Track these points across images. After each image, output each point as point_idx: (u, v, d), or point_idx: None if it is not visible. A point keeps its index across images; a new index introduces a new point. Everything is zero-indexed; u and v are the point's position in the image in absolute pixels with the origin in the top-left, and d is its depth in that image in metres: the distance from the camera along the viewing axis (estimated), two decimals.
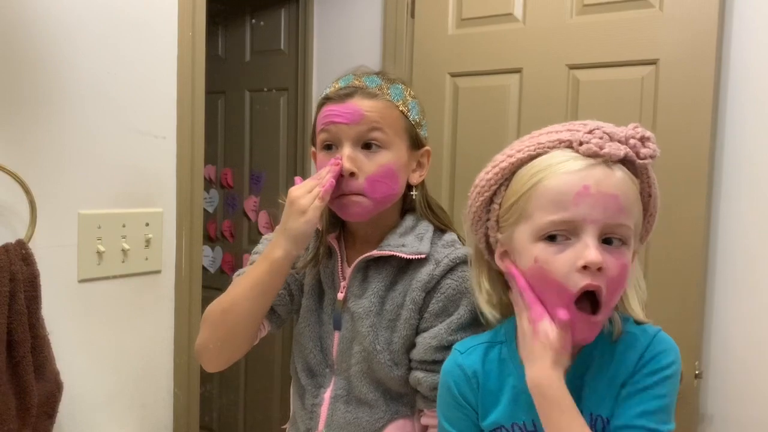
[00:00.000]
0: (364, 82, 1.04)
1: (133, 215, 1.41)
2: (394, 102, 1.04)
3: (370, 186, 1.01)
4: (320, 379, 1.11)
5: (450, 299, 1.02)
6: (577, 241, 0.77)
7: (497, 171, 0.87)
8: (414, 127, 1.07)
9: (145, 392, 1.48)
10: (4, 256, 1.15)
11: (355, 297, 1.07)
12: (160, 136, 1.45)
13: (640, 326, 0.86)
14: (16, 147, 1.22)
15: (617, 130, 0.81)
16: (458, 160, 1.96)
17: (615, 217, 0.77)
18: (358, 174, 1.01)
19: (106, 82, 1.34)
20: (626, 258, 0.79)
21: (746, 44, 1.58)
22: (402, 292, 1.04)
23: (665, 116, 1.61)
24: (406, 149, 1.06)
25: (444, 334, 1.00)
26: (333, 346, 1.10)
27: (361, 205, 1.02)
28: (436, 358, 1.00)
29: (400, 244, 1.04)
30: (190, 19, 1.49)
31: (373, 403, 1.06)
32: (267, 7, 2.56)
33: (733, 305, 1.61)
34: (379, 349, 1.04)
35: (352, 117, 1.01)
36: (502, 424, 0.86)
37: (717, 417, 1.64)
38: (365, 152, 1.02)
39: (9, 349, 1.16)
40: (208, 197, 2.78)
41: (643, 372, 0.81)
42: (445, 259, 1.03)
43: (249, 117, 2.66)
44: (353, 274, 1.07)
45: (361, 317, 1.05)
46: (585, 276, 0.76)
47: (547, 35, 1.80)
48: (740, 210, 1.60)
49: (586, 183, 0.77)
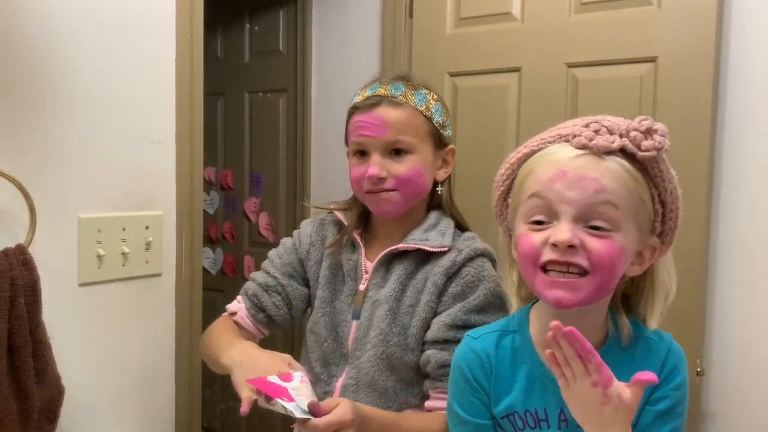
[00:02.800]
0: (390, 90, 1.12)
1: (132, 218, 1.41)
2: (418, 108, 1.12)
3: (399, 183, 1.11)
4: (334, 368, 1.17)
5: (468, 285, 1.09)
6: (557, 224, 0.80)
7: (508, 167, 0.91)
8: (437, 128, 1.15)
9: (147, 396, 1.48)
10: (4, 261, 1.15)
11: (376, 287, 1.14)
12: (159, 139, 1.45)
13: (655, 331, 0.88)
14: (15, 151, 1.21)
15: (620, 123, 0.82)
16: (457, 160, 1.95)
17: (592, 198, 0.78)
18: (388, 176, 1.10)
19: (105, 85, 1.34)
20: (614, 242, 0.79)
21: (745, 41, 1.58)
22: (423, 279, 1.11)
23: (664, 114, 1.61)
24: (431, 150, 1.15)
25: (458, 314, 1.07)
26: (349, 335, 1.15)
27: (392, 200, 1.11)
28: (448, 337, 1.06)
29: (424, 239, 1.12)
30: (188, 21, 1.48)
31: (383, 390, 1.11)
32: (265, 9, 2.56)
33: (735, 303, 1.61)
34: (395, 332, 1.10)
35: (378, 130, 1.10)
36: (516, 410, 0.88)
37: (719, 414, 1.64)
38: (394, 158, 1.11)
39: (10, 354, 1.15)
40: (209, 199, 2.78)
41: (667, 388, 0.85)
42: (467, 248, 1.11)
43: (248, 118, 2.66)
44: (377, 267, 1.15)
45: (380, 303, 1.12)
46: (554, 251, 0.79)
47: (546, 34, 1.80)
48: (741, 207, 1.60)
49: (564, 168, 0.80)
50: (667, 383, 0.85)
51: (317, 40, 2.39)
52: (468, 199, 1.95)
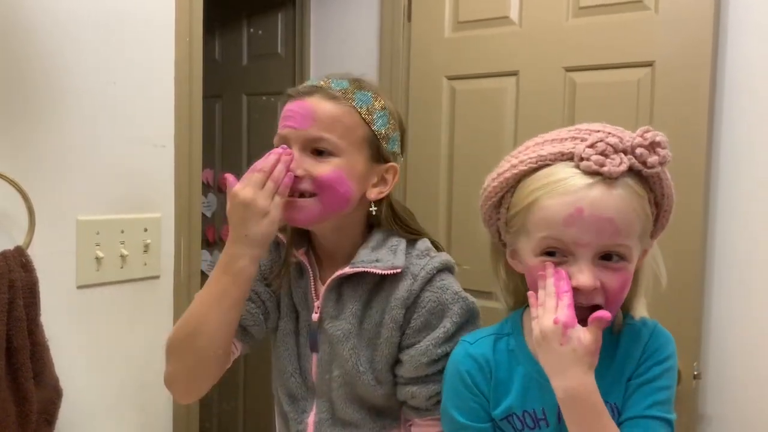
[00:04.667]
0: (330, 83, 0.99)
1: (131, 221, 1.41)
2: (356, 108, 0.98)
3: (318, 187, 0.96)
4: (302, 403, 1.07)
5: (432, 312, 0.98)
6: (573, 260, 0.80)
7: (501, 180, 0.88)
8: (377, 138, 1.00)
9: (145, 398, 1.48)
10: (3, 264, 1.15)
11: (330, 318, 1.02)
12: (158, 142, 1.45)
13: (641, 319, 0.89)
14: (14, 154, 1.22)
15: (623, 138, 0.80)
16: (455, 163, 1.96)
17: (610, 239, 0.79)
18: (305, 176, 0.95)
19: (103, 88, 1.34)
20: (627, 272, 0.81)
21: (742, 45, 1.58)
22: (380, 310, 1.00)
23: (661, 118, 1.62)
24: (364, 160, 0.99)
25: (432, 349, 0.97)
26: (311, 369, 1.06)
27: (308, 209, 0.97)
28: (429, 372, 0.98)
29: (373, 260, 0.99)
30: (187, 24, 1.49)
31: (359, 423, 1.03)
32: (264, 11, 2.56)
33: (732, 306, 1.62)
34: (362, 371, 1.00)
35: (303, 121, 0.96)
36: (514, 412, 0.88)
37: (716, 418, 1.64)
38: (314, 157, 0.97)
39: (8, 356, 1.16)
40: (206, 201, 2.78)
41: (648, 363, 0.85)
42: (422, 271, 0.99)
43: (246, 121, 2.66)
44: (326, 294, 1.02)
45: (340, 340, 1.00)
46: (578, 295, 0.79)
47: (544, 38, 1.81)
48: (738, 210, 1.60)
49: (579, 206, 0.78)
50: (649, 360, 0.85)
51: (316, 43, 2.39)
52: (465, 203, 1.96)
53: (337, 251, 1.05)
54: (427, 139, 2.01)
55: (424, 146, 2.01)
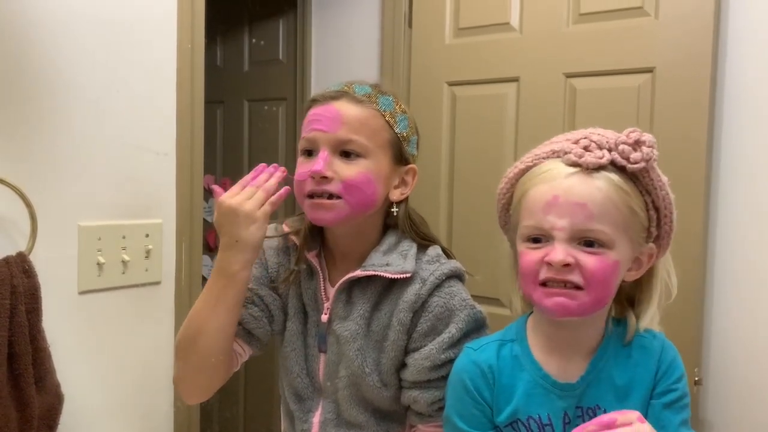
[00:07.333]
0: (354, 88, 1.03)
1: (132, 226, 1.41)
2: (381, 111, 1.01)
3: (345, 189, 0.98)
4: (308, 403, 1.09)
5: (438, 318, 0.99)
6: (553, 244, 0.83)
7: (506, 181, 0.94)
8: (399, 140, 1.04)
9: (146, 404, 1.48)
10: (5, 269, 1.15)
11: (339, 319, 1.04)
12: (159, 148, 1.46)
13: (647, 330, 0.91)
14: (16, 160, 1.22)
15: (609, 136, 0.85)
16: (456, 169, 1.97)
17: (583, 224, 0.82)
18: (334, 177, 0.98)
19: (105, 95, 1.35)
20: (607, 258, 0.82)
21: (742, 52, 1.59)
22: (388, 313, 1.02)
23: (662, 124, 1.62)
24: (388, 162, 1.03)
25: (436, 354, 0.98)
26: (319, 369, 1.08)
27: (336, 209, 0.98)
28: (431, 377, 0.99)
29: (384, 263, 1.01)
30: (189, 31, 1.49)
31: (363, 425, 1.05)
32: (265, 18, 2.57)
33: (733, 311, 1.62)
34: (368, 372, 1.02)
35: (331, 124, 0.99)
36: (519, 418, 0.89)
37: (717, 423, 1.64)
38: (343, 159, 0.99)
39: (10, 361, 1.16)
40: (207, 207, 2.78)
41: (669, 382, 0.89)
42: (431, 276, 1.00)
43: (248, 127, 2.67)
44: (337, 295, 1.04)
45: (347, 341, 1.02)
46: (550, 270, 0.82)
47: (544, 44, 1.81)
48: (738, 217, 1.60)
49: (555, 193, 0.83)
50: (668, 377, 0.89)
51: (317, 49, 2.40)
52: (466, 210, 1.97)
53: (352, 252, 1.07)
54: (428, 145, 2.01)
55: (425, 152, 1.98)
